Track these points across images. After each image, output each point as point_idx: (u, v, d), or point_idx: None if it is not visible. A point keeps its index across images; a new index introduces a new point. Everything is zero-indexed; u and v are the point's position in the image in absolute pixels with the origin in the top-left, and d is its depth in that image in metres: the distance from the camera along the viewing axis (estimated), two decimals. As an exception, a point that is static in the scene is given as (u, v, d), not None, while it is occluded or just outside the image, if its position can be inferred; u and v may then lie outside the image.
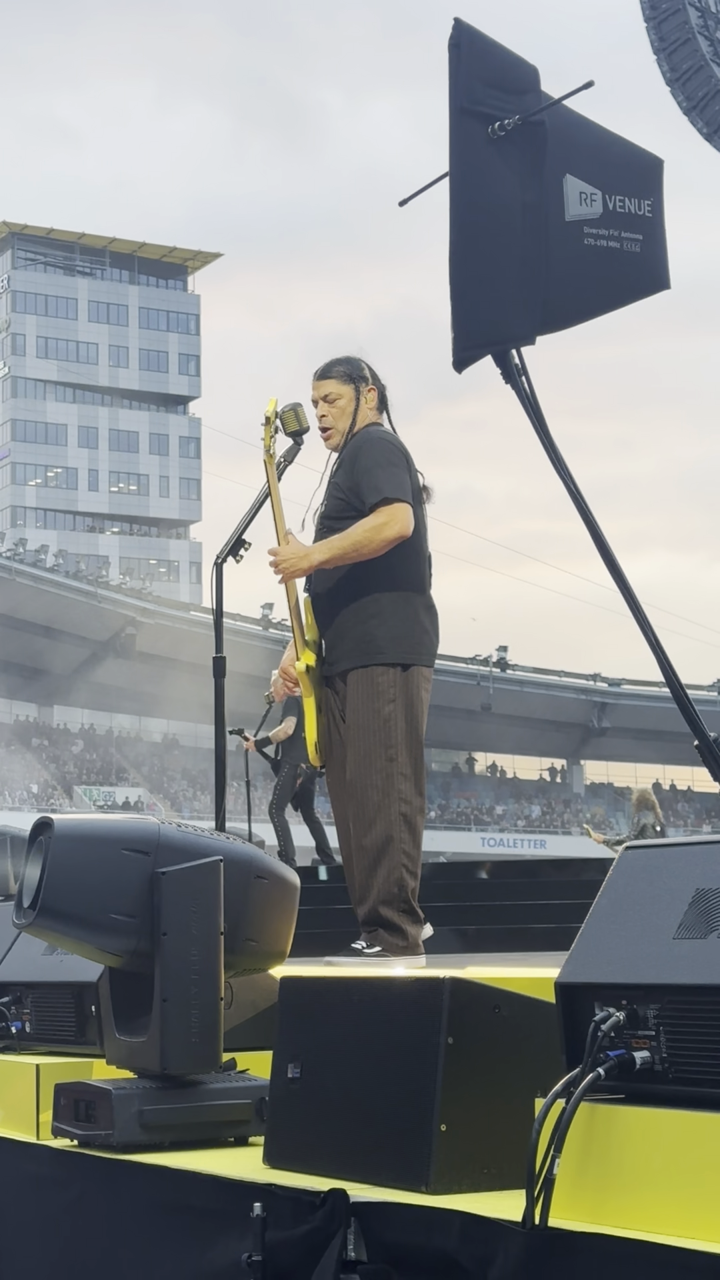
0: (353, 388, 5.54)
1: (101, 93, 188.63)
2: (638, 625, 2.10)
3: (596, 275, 2.27)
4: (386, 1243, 2.74)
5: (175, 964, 3.49)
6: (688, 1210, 2.40)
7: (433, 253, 2.14)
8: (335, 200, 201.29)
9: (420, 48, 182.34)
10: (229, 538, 5.72)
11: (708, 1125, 2.41)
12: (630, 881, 2.74)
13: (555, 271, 2.22)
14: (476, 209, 2.16)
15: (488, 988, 2.99)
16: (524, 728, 69.92)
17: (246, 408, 27.94)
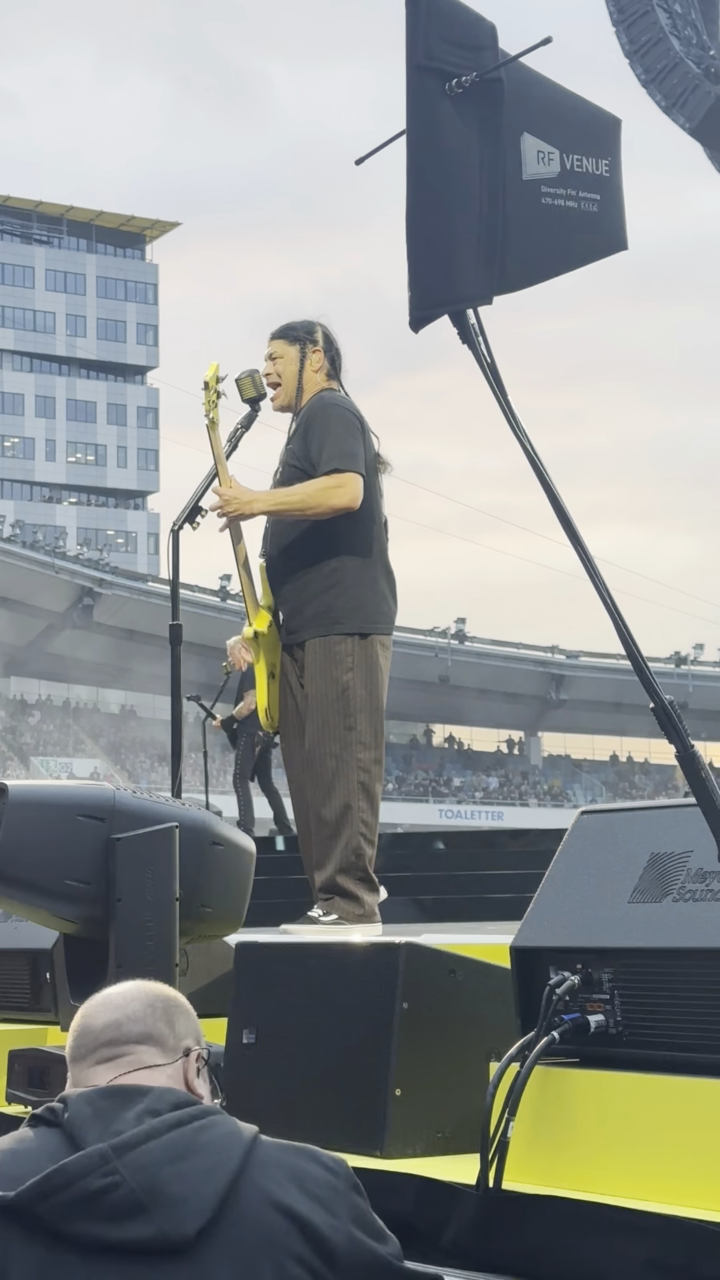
0: (298, 347, 5.53)
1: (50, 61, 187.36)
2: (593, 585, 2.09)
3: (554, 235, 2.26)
4: (341, 1206, 2.73)
5: (130, 930, 3.48)
6: (640, 1172, 2.41)
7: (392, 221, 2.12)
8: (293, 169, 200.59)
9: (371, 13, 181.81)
10: (185, 506, 5.70)
11: (661, 1088, 2.42)
12: (586, 846, 2.74)
13: (513, 231, 2.21)
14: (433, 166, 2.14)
15: (443, 953, 3.00)
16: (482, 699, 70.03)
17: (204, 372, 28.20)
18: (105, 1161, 1.96)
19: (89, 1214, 1.93)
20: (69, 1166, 1.97)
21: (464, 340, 2.16)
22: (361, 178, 7.42)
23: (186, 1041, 2.22)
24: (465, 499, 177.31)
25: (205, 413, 5.49)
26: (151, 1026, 2.22)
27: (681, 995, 2.46)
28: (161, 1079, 2.15)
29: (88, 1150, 1.98)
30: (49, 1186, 1.95)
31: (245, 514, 5.42)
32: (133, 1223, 1.93)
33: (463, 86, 2.14)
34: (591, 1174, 2.47)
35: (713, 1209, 2.26)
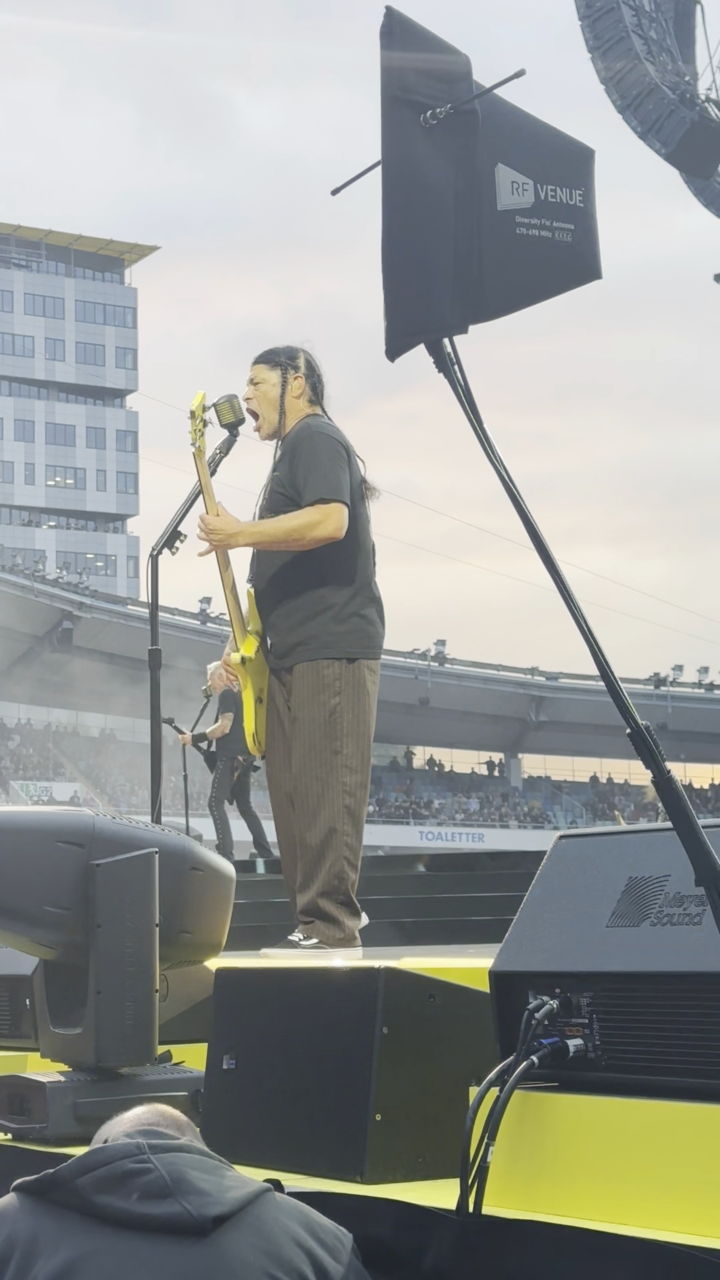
0: (279, 373, 5.55)
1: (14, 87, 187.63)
2: (568, 610, 2.11)
3: (529, 264, 2.28)
4: (321, 1232, 2.74)
5: (110, 956, 3.48)
6: (620, 1196, 2.41)
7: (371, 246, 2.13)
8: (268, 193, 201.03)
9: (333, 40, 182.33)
10: (164, 530, 5.71)
11: (640, 1112, 2.43)
12: (564, 870, 2.75)
13: (487, 260, 2.23)
14: (408, 197, 2.16)
15: (422, 977, 3.00)
16: (462, 721, 70.03)
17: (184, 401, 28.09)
18: (140, 1151, 2.18)
19: (119, 1191, 2.14)
20: (108, 1149, 2.21)
21: (440, 369, 2.18)
22: (338, 202, 7.45)
23: None
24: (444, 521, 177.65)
25: (192, 441, 5.51)
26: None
27: (660, 1019, 2.47)
28: None
29: (124, 1141, 2.21)
30: (89, 1163, 2.18)
31: (230, 546, 5.44)
32: (159, 1202, 2.13)
33: (437, 118, 2.16)
34: (571, 1198, 2.47)
35: (692, 1233, 2.27)
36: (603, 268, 2.37)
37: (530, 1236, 2.40)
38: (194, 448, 5.53)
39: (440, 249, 2.18)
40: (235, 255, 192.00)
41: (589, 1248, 2.31)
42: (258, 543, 5.41)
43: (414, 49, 2.17)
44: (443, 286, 2.18)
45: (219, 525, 5.41)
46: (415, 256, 2.18)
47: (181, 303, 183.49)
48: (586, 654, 2.27)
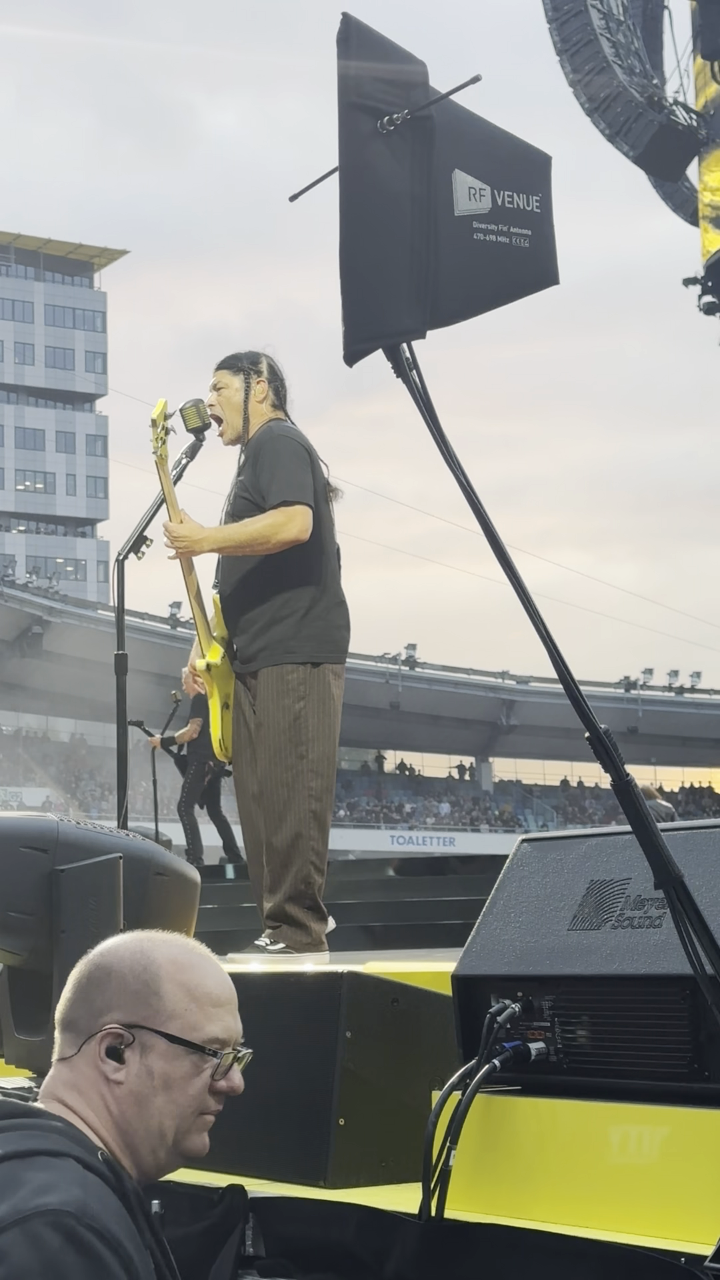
0: (241, 378, 5.55)
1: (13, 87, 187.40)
2: (525, 612, 2.11)
3: (486, 270, 2.29)
4: (284, 1237, 2.74)
5: (74, 962, 3.46)
6: (581, 1199, 2.42)
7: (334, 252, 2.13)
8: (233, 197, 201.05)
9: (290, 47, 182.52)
10: (130, 535, 5.71)
11: (601, 1115, 2.43)
12: (526, 874, 2.76)
13: (445, 266, 2.23)
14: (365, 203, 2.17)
15: (385, 981, 3.01)
16: (432, 725, 70.08)
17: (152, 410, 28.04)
18: None
19: None
20: None
21: (398, 374, 2.18)
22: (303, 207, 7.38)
23: (105, 1017, 2.16)
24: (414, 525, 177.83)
25: (153, 449, 5.51)
26: (67, 1011, 2.22)
27: (620, 1022, 2.48)
28: (64, 1074, 2.16)
29: None
30: None
31: (194, 552, 5.44)
32: None
33: (394, 124, 2.17)
34: (533, 1201, 2.48)
35: (652, 1235, 2.27)
36: (560, 273, 2.38)
37: (492, 1239, 2.41)
38: (155, 455, 5.52)
39: (397, 254, 2.19)
40: (203, 260, 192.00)
41: (550, 1250, 2.31)
42: (223, 548, 5.41)
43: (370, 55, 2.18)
44: (400, 291, 2.19)
45: (183, 532, 5.41)
46: (372, 262, 2.18)
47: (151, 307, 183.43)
48: None
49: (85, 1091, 2.12)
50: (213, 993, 2.18)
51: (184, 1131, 2.16)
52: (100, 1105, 2.12)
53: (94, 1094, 2.12)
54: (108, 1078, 2.12)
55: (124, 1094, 2.12)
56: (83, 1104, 2.11)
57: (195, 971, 2.19)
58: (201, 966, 2.20)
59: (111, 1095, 2.12)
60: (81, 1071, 2.13)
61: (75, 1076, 2.13)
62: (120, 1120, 2.11)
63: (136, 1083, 2.12)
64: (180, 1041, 2.14)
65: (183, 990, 2.16)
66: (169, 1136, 2.14)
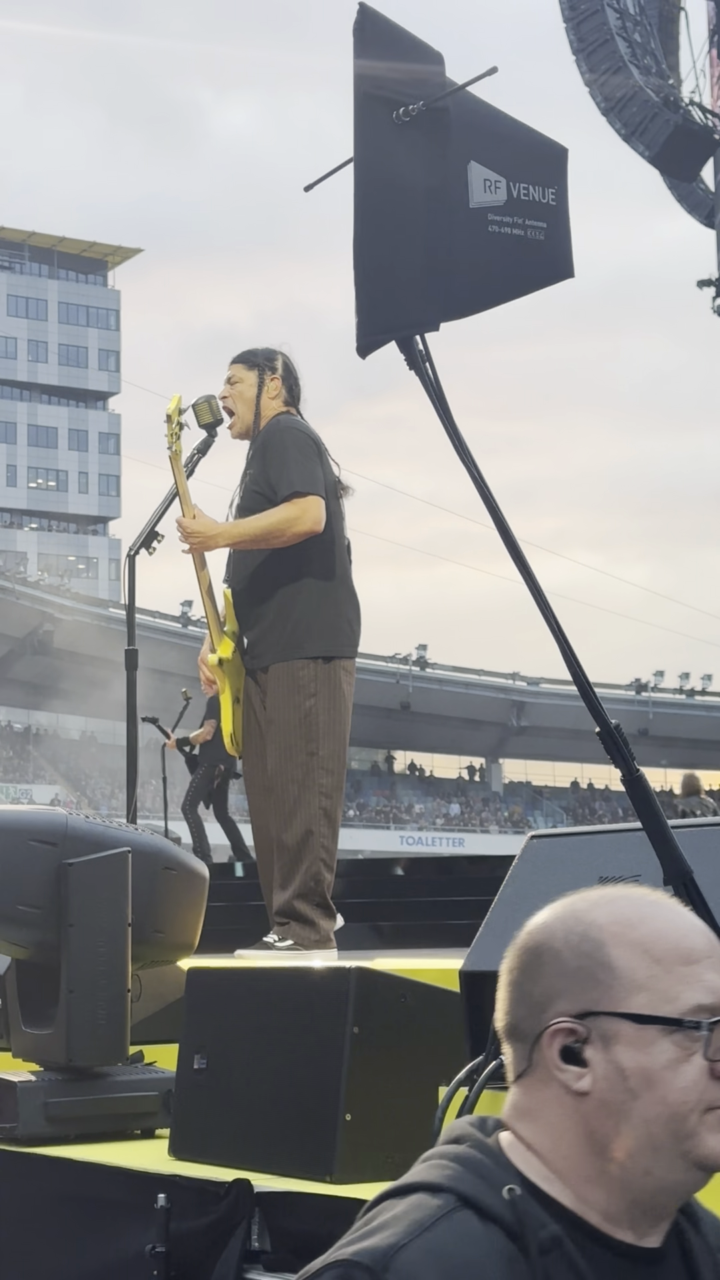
0: (255, 373, 5.55)
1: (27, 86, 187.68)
2: (536, 604, 2.11)
3: (500, 262, 2.28)
4: (290, 1232, 2.74)
5: (82, 956, 3.47)
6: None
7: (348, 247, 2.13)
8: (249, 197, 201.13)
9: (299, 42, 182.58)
10: (141, 531, 5.71)
11: (609, 1111, 2.42)
12: (535, 870, 2.75)
13: (459, 258, 2.23)
14: (380, 194, 2.16)
15: (393, 977, 3.00)
16: (443, 726, 70.07)
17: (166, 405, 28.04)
18: None
19: None
20: None
21: (411, 366, 2.17)
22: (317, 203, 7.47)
23: (549, 1011, 1.58)
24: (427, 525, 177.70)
25: (168, 445, 5.50)
26: (508, 1014, 1.63)
27: (629, 1019, 2.47)
28: (517, 1099, 1.61)
29: None
30: None
31: (208, 547, 5.44)
32: None
33: (409, 115, 2.16)
34: (539, 1198, 2.47)
35: (659, 1232, 2.26)
36: (575, 266, 2.37)
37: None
38: (170, 451, 5.52)
39: (412, 246, 2.18)
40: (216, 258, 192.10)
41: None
42: (237, 543, 5.40)
43: (386, 46, 2.18)
44: (414, 284, 2.18)
45: (197, 528, 5.41)
46: (387, 254, 2.18)
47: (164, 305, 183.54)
48: None
49: (542, 1115, 1.57)
50: (681, 947, 1.58)
51: (688, 1136, 1.55)
52: (563, 1130, 1.56)
53: (554, 1115, 1.56)
54: (570, 1089, 1.55)
55: (593, 1108, 1.55)
56: (537, 1133, 1.57)
57: (652, 924, 1.61)
58: (660, 917, 1.61)
59: (579, 1113, 1.55)
60: (537, 1091, 1.57)
61: (530, 1099, 1.58)
62: (595, 1143, 1.55)
63: (606, 1088, 1.54)
64: (652, 1020, 1.55)
65: (639, 952, 1.58)
66: (669, 1149, 1.55)
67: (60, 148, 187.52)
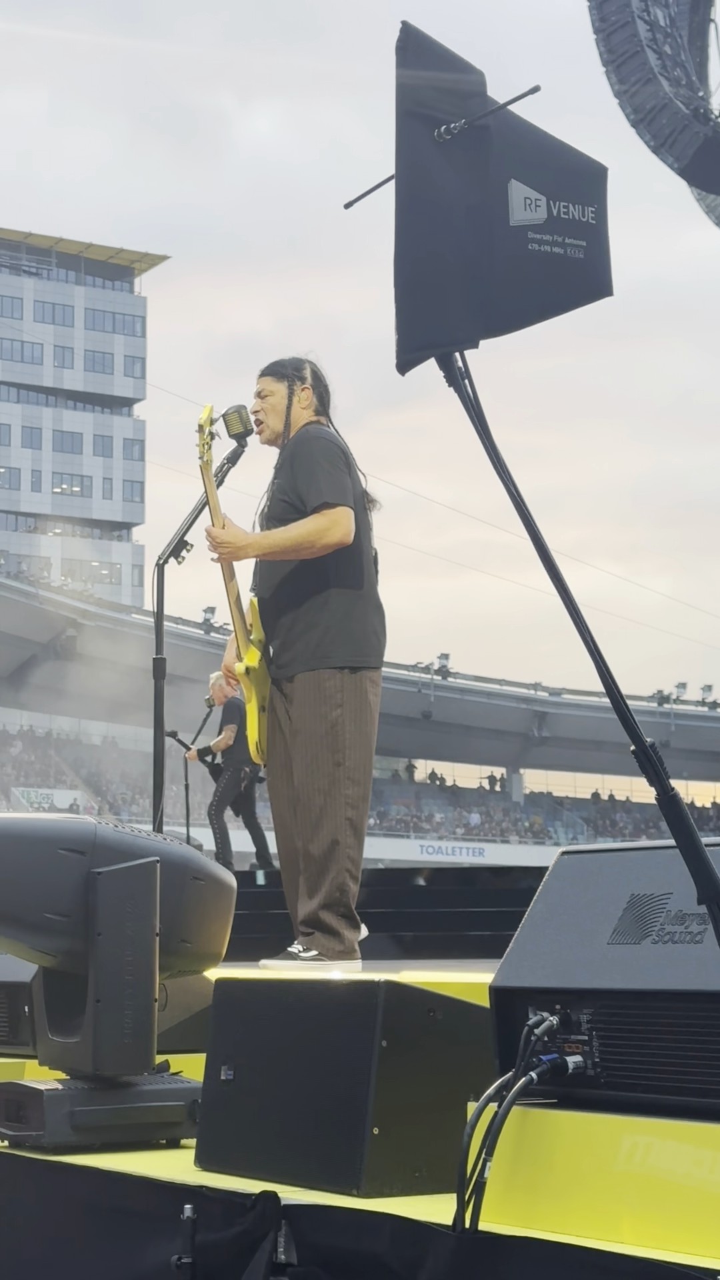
0: (285, 384, 5.57)
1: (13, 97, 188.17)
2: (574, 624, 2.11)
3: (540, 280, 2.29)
4: (317, 1245, 2.73)
5: (109, 965, 3.48)
6: (617, 1214, 2.41)
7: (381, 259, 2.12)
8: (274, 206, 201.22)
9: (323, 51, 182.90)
10: (170, 539, 5.73)
11: (638, 1130, 2.42)
12: (566, 886, 2.75)
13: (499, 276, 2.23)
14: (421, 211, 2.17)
15: (422, 991, 3.00)
16: (464, 735, 70.05)
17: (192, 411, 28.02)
18: None
19: None
20: None
21: (450, 383, 2.18)
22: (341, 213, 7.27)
23: None
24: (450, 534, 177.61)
25: (199, 455, 5.52)
26: None
27: (659, 1037, 2.47)
28: None
29: None
30: None
31: (237, 557, 5.46)
32: None
33: (451, 133, 2.17)
34: (568, 1215, 2.47)
35: (689, 1252, 2.26)
36: (613, 284, 2.37)
37: (526, 1253, 2.40)
38: (201, 460, 5.54)
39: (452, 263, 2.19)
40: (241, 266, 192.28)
41: (584, 1265, 2.30)
42: (266, 553, 5.42)
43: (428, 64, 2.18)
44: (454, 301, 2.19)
45: (226, 538, 5.42)
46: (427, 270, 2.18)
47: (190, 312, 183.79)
48: (590, 670, 2.27)
49: None
50: None
51: None
52: None
53: None
54: None
55: None
56: None
57: None
58: None
59: None
60: None
61: None
62: None
63: None
64: None
65: None
66: None
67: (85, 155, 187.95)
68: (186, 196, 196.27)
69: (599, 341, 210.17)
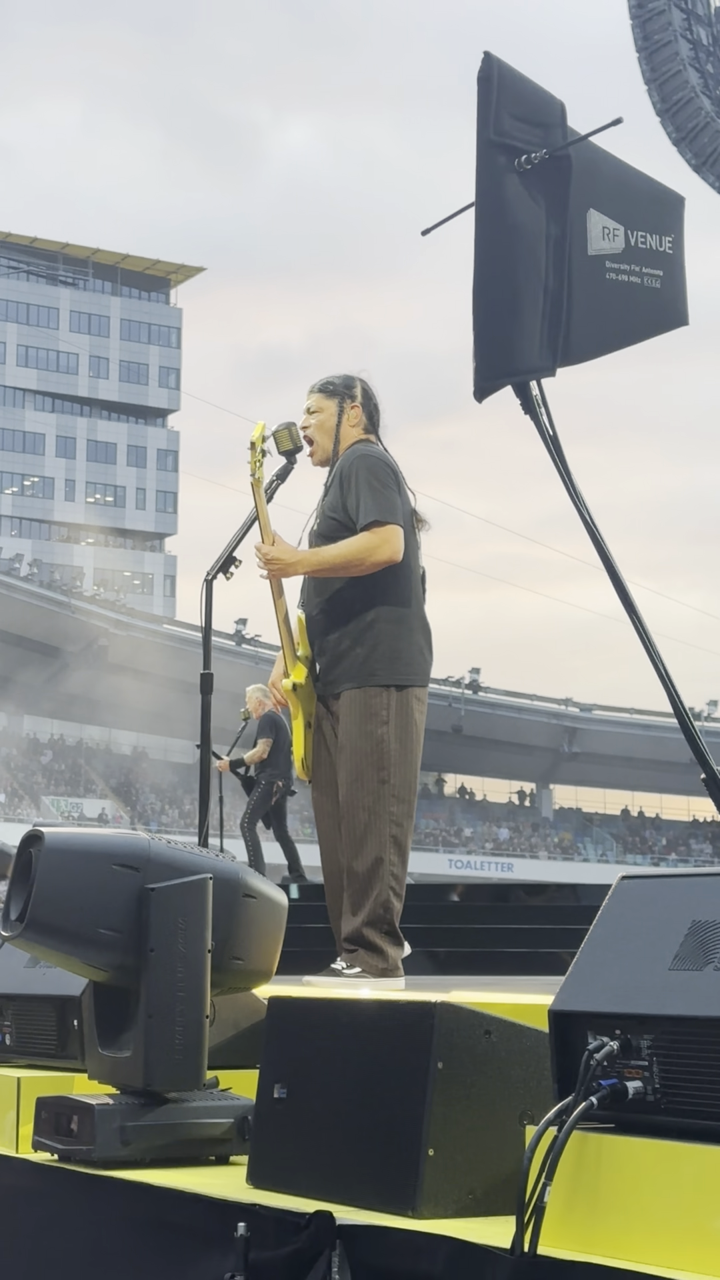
0: (336, 402, 5.57)
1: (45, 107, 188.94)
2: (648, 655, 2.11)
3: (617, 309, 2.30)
4: (372, 1266, 2.73)
5: (162, 980, 3.49)
6: (676, 1241, 2.41)
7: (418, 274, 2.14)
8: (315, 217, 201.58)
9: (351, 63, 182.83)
10: (220, 555, 5.74)
11: (698, 1156, 2.42)
12: (626, 911, 2.75)
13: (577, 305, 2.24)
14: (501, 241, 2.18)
15: (478, 1013, 3.00)
16: (494, 750, 69.96)
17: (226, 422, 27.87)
18: None
19: None
20: None
21: (526, 411, 2.19)
22: (377, 229, 7.15)
23: None
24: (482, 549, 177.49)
25: (251, 471, 5.54)
26: None
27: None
28: None
29: None
30: None
31: (287, 574, 5.47)
32: None
33: (532, 163, 2.18)
34: (627, 1241, 2.46)
35: (750, 1281, 2.26)
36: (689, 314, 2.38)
37: (585, 1278, 2.40)
38: (253, 478, 5.55)
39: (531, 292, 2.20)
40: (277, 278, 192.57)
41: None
42: (316, 570, 5.43)
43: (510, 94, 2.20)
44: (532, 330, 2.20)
45: (277, 555, 5.44)
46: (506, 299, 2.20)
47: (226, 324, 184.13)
48: (622, 686, 2.29)
49: None
50: None
51: None
52: None
53: None
54: None
55: None
56: None
57: None
58: None
59: None
60: None
61: None
62: None
63: None
64: None
65: None
66: None
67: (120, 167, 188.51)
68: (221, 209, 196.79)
69: (631, 357, 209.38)
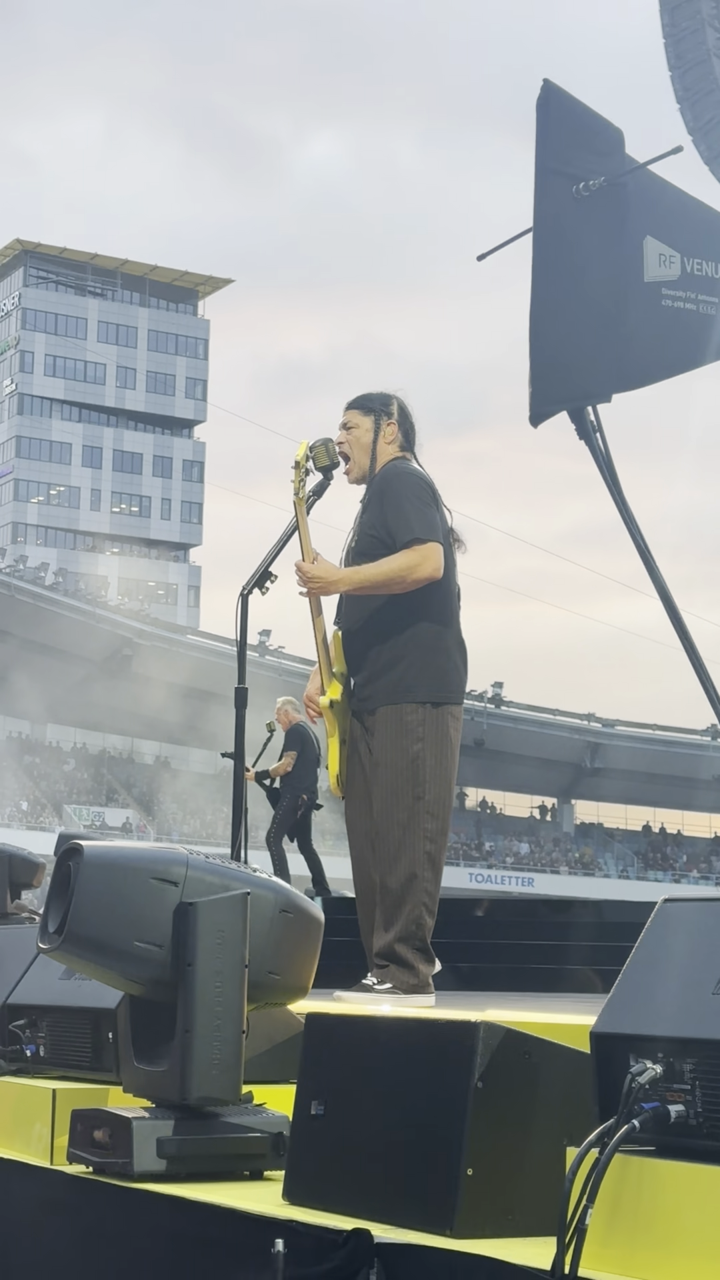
0: (372, 419, 5.58)
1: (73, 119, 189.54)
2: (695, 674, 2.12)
3: (673, 336, 2.31)
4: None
5: (199, 995, 3.50)
6: (718, 1266, 2.41)
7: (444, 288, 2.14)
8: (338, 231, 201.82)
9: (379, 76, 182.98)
10: (255, 569, 5.76)
11: (741, 1181, 2.42)
12: (668, 934, 2.75)
13: (633, 331, 2.26)
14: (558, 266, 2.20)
15: (518, 1033, 3.00)
16: (516, 764, 69.83)
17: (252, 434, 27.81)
18: None
19: None
20: None
21: (581, 436, 2.21)
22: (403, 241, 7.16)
23: None
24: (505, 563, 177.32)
25: (294, 490, 5.55)
26: None
27: (764, 1089, 2.47)
28: None
29: None
30: None
31: (327, 592, 5.48)
32: None
33: (590, 190, 2.20)
34: (668, 1265, 2.46)
35: None
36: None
37: (627, 1301, 2.40)
38: (296, 496, 5.57)
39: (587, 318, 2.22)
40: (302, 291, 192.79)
41: (689, 1316, 2.30)
42: (359, 588, 5.43)
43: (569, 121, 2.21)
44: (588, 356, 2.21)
45: (318, 573, 5.45)
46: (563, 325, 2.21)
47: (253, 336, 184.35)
48: (645, 701, 2.30)
49: None
50: None
51: None
52: None
53: None
54: None
55: None
56: None
57: None
58: None
59: None
60: None
61: None
62: None
63: None
64: None
65: None
66: None
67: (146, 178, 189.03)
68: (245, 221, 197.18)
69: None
